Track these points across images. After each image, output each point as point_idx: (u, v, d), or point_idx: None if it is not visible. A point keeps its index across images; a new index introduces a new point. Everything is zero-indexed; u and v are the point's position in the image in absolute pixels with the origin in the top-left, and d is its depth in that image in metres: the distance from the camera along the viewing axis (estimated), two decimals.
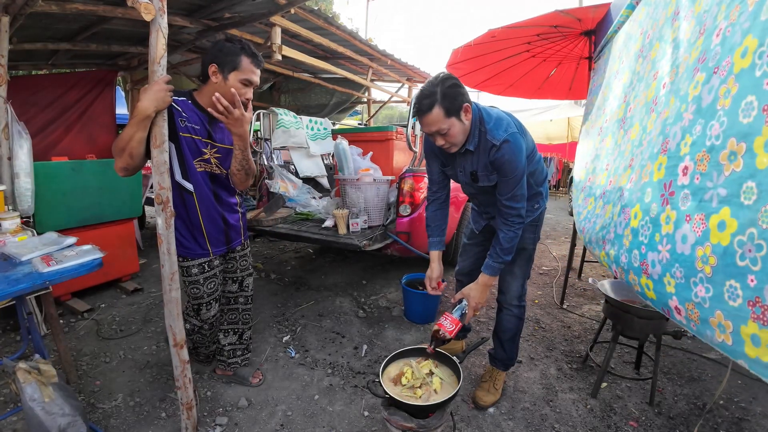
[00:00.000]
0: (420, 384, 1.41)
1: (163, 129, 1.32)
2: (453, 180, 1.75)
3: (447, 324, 1.54)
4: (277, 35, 3.24)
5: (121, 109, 5.10)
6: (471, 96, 1.46)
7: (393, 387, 1.41)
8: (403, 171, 2.75)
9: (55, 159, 2.65)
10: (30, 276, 1.36)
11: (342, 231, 2.60)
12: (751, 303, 0.75)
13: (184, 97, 1.49)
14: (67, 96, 3.98)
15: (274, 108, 3.81)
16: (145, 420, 1.69)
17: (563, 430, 1.67)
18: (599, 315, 2.74)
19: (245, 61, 1.46)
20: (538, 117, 9.73)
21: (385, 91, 6.26)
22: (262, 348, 2.27)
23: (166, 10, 1.25)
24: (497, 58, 3.55)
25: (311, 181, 3.94)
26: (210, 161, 1.56)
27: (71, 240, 1.69)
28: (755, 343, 0.76)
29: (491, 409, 1.79)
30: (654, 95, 1.37)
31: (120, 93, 5.41)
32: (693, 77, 1.05)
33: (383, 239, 2.67)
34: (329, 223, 2.80)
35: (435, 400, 1.34)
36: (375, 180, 2.69)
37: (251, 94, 1.52)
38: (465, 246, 1.99)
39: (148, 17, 1.21)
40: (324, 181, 4.07)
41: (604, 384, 1.95)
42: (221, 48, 1.44)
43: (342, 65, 4.99)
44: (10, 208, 2.14)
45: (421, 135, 2.74)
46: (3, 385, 1.86)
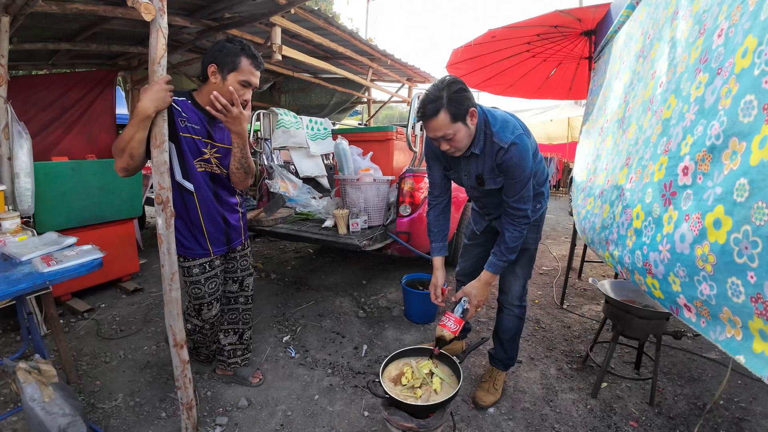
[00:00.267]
0: (420, 384, 1.41)
1: (163, 129, 1.32)
2: (456, 184, 1.74)
3: (450, 324, 1.54)
4: (277, 35, 3.24)
5: (121, 109, 5.10)
6: None
7: (393, 387, 1.41)
8: (404, 171, 2.75)
9: (55, 159, 2.65)
10: (30, 276, 1.36)
11: (342, 231, 2.60)
12: (754, 299, 0.76)
13: (183, 97, 1.49)
14: (68, 96, 3.99)
15: (274, 108, 3.82)
16: (145, 420, 1.69)
17: (563, 430, 1.67)
18: (599, 315, 2.74)
19: (245, 62, 1.45)
20: (538, 117, 9.72)
21: (385, 91, 6.26)
22: (262, 348, 2.27)
23: (166, 10, 1.25)
24: (497, 58, 3.55)
25: (311, 181, 3.95)
26: (210, 161, 1.56)
27: (71, 240, 1.69)
28: (763, 338, 0.76)
29: (491, 409, 1.79)
30: (651, 94, 1.37)
31: (120, 93, 5.42)
32: (695, 77, 1.05)
33: (383, 239, 2.67)
34: (329, 223, 2.80)
35: (435, 400, 1.33)
36: (375, 180, 2.69)
37: (250, 95, 1.52)
38: (465, 247, 1.99)
39: (148, 17, 1.21)
40: (324, 181, 4.07)
41: (604, 384, 1.95)
42: (221, 48, 1.44)
43: (342, 65, 5.00)
44: (10, 208, 2.14)
45: (422, 135, 2.75)
46: (3, 385, 1.86)
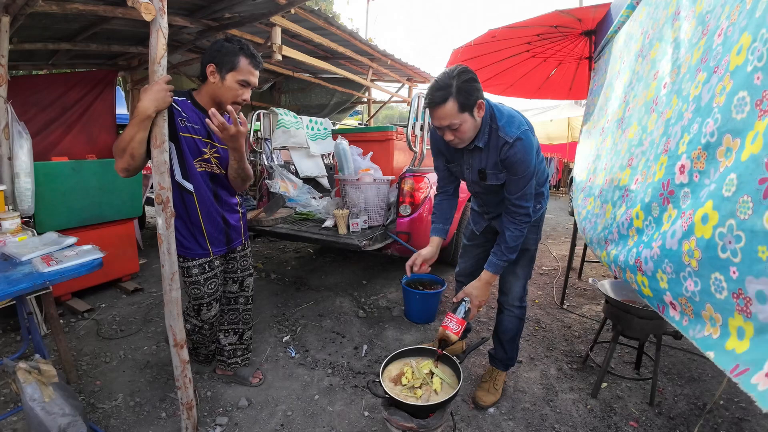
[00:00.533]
0: (420, 384, 1.40)
1: (164, 129, 1.32)
2: (458, 177, 1.73)
3: (452, 325, 1.53)
4: (278, 35, 3.24)
5: (122, 109, 5.10)
6: None
7: (393, 387, 1.40)
8: (404, 171, 2.75)
9: (56, 159, 2.65)
10: (30, 276, 1.36)
11: (342, 231, 2.60)
12: (735, 295, 0.75)
13: (183, 97, 1.49)
14: (68, 96, 3.99)
15: (274, 108, 3.82)
16: (145, 420, 1.69)
17: (563, 430, 1.67)
18: (599, 315, 2.74)
19: (243, 62, 1.45)
20: (538, 117, 9.74)
21: (386, 91, 6.26)
22: (262, 348, 2.27)
23: (166, 10, 1.25)
24: (497, 58, 3.55)
25: (311, 181, 3.95)
26: (210, 161, 1.56)
27: (71, 240, 1.69)
28: (739, 336, 0.75)
29: (491, 409, 1.79)
30: (654, 95, 1.37)
31: (120, 93, 5.42)
32: (695, 77, 1.05)
33: (383, 239, 2.67)
34: (329, 223, 2.80)
35: (435, 400, 1.33)
36: (375, 180, 2.69)
37: (249, 95, 1.51)
38: (465, 247, 1.99)
39: (148, 17, 1.21)
40: (324, 181, 4.07)
41: (604, 384, 1.95)
42: (220, 48, 1.44)
43: (342, 65, 5.00)
44: (10, 208, 2.14)
45: (422, 135, 2.74)
46: (3, 385, 1.86)
